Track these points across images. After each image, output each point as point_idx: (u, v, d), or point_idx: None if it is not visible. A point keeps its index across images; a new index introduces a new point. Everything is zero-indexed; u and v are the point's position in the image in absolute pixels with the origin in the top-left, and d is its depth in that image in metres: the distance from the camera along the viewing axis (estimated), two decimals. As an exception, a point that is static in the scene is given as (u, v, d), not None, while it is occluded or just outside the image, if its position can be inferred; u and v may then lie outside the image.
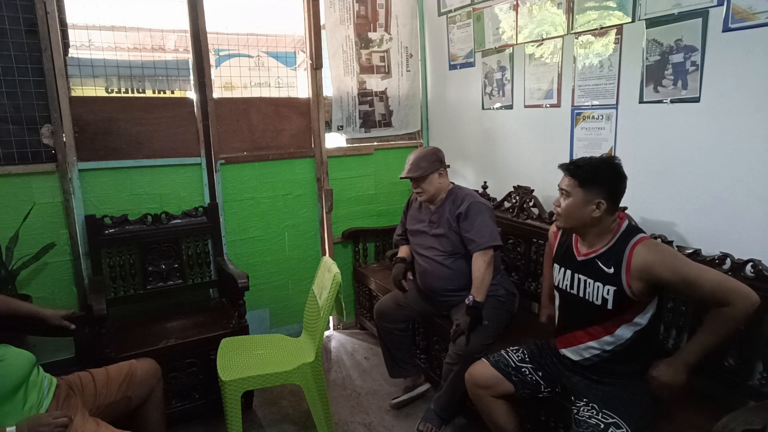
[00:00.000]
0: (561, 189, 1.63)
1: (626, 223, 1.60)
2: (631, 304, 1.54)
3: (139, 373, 1.75)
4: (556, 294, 1.78)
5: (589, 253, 1.63)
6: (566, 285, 1.70)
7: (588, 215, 1.57)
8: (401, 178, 2.27)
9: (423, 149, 2.31)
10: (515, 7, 2.52)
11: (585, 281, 1.63)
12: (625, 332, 1.57)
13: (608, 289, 1.55)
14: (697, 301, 1.70)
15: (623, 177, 1.59)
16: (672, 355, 1.54)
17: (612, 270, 1.54)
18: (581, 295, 1.64)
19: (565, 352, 1.71)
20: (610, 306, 1.55)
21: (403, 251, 2.46)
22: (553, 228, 1.88)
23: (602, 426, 1.45)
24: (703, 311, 1.60)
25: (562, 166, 1.65)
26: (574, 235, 1.71)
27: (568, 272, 1.70)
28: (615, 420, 1.46)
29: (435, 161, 2.23)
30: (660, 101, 1.93)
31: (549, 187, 2.45)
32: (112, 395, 1.68)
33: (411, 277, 2.43)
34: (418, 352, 2.57)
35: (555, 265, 1.78)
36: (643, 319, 1.56)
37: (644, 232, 1.59)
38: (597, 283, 1.58)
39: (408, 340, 2.46)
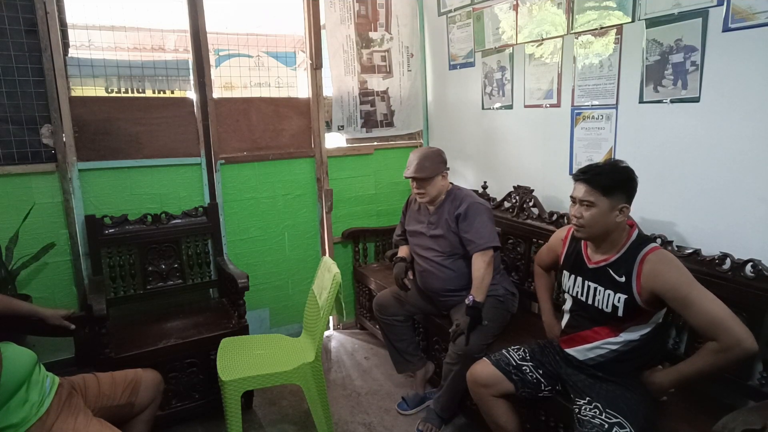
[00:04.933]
0: (582, 200, 1.57)
1: (636, 231, 1.60)
2: (641, 312, 1.54)
3: (144, 381, 1.75)
4: (567, 298, 1.77)
5: (600, 261, 1.63)
6: (577, 291, 1.70)
7: (613, 222, 1.55)
8: (406, 177, 2.23)
9: (427, 149, 2.27)
10: (515, 7, 2.52)
11: (596, 289, 1.63)
12: (632, 335, 1.57)
13: (619, 297, 1.55)
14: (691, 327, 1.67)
15: (636, 178, 1.58)
16: (673, 357, 1.54)
17: (623, 279, 1.54)
18: (591, 302, 1.64)
19: (570, 351, 1.71)
20: (620, 314, 1.55)
21: (402, 251, 2.46)
22: (560, 234, 1.87)
23: (606, 426, 1.45)
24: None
25: (579, 176, 1.59)
26: (583, 242, 1.71)
27: (579, 279, 1.69)
28: (619, 420, 1.46)
29: (439, 163, 2.21)
30: (660, 101, 1.93)
31: (549, 187, 2.45)
32: (116, 398, 1.68)
33: (412, 276, 2.43)
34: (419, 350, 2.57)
35: (564, 272, 1.77)
36: (651, 324, 1.57)
37: (655, 242, 1.59)
38: (608, 291, 1.58)
39: (410, 331, 2.45)
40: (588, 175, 1.57)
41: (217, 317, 2.43)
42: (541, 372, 1.75)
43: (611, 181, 1.54)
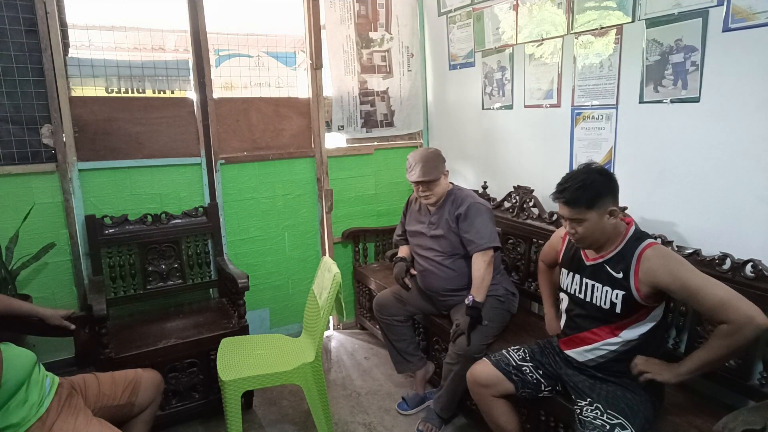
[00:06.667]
0: (570, 219, 1.57)
1: (633, 227, 1.60)
2: (638, 308, 1.54)
3: (144, 381, 1.75)
4: (564, 297, 1.77)
5: (597, 258, 1.63)
6: (575, 289, 1.70)
7: (607, 226, 1.56)
8: (412, 181, 2.21)
9: (426, 150, 2.26)
10: (515, 7, 2.52)
11: (593, 285, 1.63)
12: (631, 335, 1.57)
13: (617, 293, 1.55)
14: (701, 314, 1.68)
15: (614, 176, 1.58)
16: (672, 356, 1.54)
17: (621, 274, 1.54)
18: (589, 299, 1.64)
19: (569, 353, 1.71)
20: (618, 310, 1.55)
21: (403, 251, 2.46)
22: (560, 232, 1.87)
23: (608, 427, 1.45)
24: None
25: (558, 197, 1.59)
26: None
27: (577, 276, 1.69)
28: (620, 421, 1.46)
29: (441, 163, 2.21)
30: (660, 101, 1.93)
31: (549, 186, 2.43)
32: (116, 398, 1.68)
33: (414, 273, 2.42)
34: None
35: (563, 269, 1.77)
36: (649, 323, 1.56)
37: (652, 237, 1.59)
38: (605, 287, 1.58)
39: (410, 331, 2.45)
40: (566, 196, 1.55)
41: (217, 317, 2.43)
42: (541, 372, 1.75)
43: (591, 194, 1.52)
